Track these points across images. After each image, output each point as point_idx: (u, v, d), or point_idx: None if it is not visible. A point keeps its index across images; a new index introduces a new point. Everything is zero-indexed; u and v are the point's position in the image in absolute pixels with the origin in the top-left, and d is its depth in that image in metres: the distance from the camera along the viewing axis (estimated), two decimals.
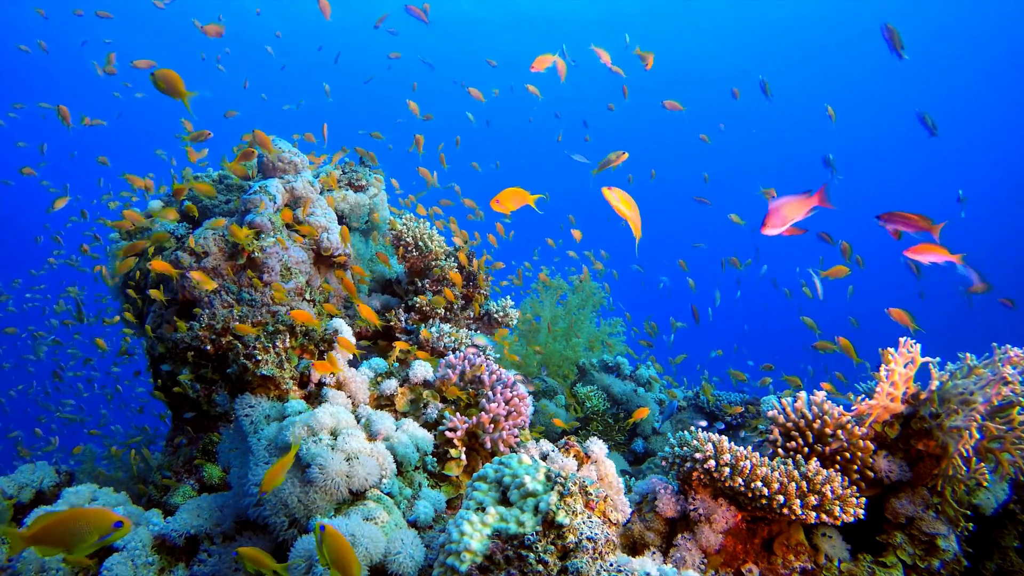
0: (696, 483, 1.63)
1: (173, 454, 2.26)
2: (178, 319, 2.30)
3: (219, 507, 1.87)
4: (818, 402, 1.72)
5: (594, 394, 3.54)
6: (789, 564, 1.54)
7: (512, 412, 2.02)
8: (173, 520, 1.84)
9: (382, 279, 3.00)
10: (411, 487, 1.88)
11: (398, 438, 1.91)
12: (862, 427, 1.66)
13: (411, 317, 2.65)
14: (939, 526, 1.58)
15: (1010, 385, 1.58)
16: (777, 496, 1.48)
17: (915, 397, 1.68)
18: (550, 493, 1.24)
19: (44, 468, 2.14)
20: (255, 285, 2.34)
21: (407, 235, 2.75)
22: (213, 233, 2.40)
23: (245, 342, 2.05)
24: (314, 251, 2.59)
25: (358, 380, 2.12)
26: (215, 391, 2.17)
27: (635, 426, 3.52)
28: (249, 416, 1.96)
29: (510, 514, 1.25)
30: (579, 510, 1.24)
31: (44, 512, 1.75)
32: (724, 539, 1.57)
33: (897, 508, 1.61)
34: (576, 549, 1.19)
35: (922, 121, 3.32)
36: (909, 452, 1.66)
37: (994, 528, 1.74)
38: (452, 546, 1.22)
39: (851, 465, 1.64)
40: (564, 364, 3.83)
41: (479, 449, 2.03)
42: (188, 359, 2.22)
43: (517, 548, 1.19)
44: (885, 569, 1.57)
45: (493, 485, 1.34)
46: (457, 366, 2.16)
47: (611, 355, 4.01)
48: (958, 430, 1.55)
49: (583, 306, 4.13)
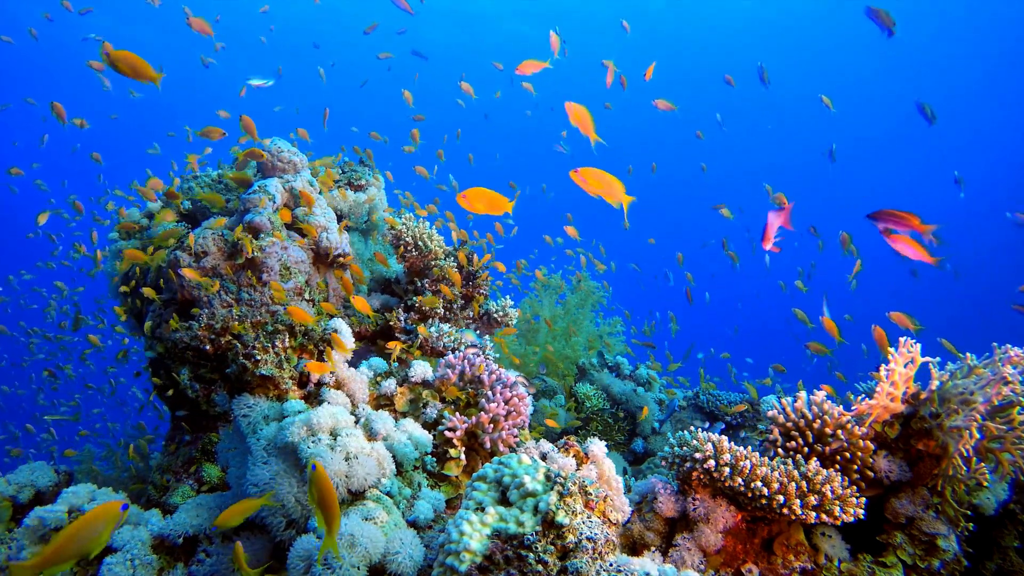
0: (696, 483, 1.62)
1: (172, 454, 2.25)
2: (177, 317, 2.29)
3: (218, 507, 1.87)
4: (818, 402, 1.72)
5: (594, 394, 3.53)
6: (789, 564, 1.54)
7: (512, 412, 2.01)
8: (172, 520, 1.84)
9: (381, 279, 3.00)
10: (410, 487, 1.87)
11: (397, 438, 1.90)
12: (862, 427, 1.66)
13: (410, 317, 2.65)
14: (939, 526, 1.58)
15: (1010, 385, 1.57)
16: (777, 496, 1.48)
17: (915, 397, 1.68)
18: (550, 493, 1.24)
19: (43, 468, 2.14)
20: (254, 285, 2.33)
21: (407, 235, 2.75)
22: (212, 233, 2.40)
23: (244, 342, 2.05)
24: (313, 251, 2.58)
25: (357, 380, 2.12)
26: (214, 391, 2.17)
27: (635, 426, 3.52)
28: (248, 416, 1.96)
29: (510, 514, 1.25)
30: (579, 510, 1.24)
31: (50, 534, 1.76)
32: (724, 539, 1.57)
33: (897, 508, 1.61)
34: (576, 549, 1.19)
35: (921, 111, 3.32)
36: (909, 452, 1.66)
37: (994, 528, 1.74)
38: (451, 546, 1.22)
39: (851, 465, 1.64)
40: (564, 363, 3.83)
41: (478, 449, 2.03)
42: (187, 359, 2.22)
43: (517, 548, 1.18)
44: (885, 569, 1.56)
45: (492, 485, 1.34)
46: (457, 366, 2.15)
47: (611, 354, 4.01)
48: (958, 430, 1.55)
49: (582, 305, 4.13)
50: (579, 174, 1.68)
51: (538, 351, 3.85)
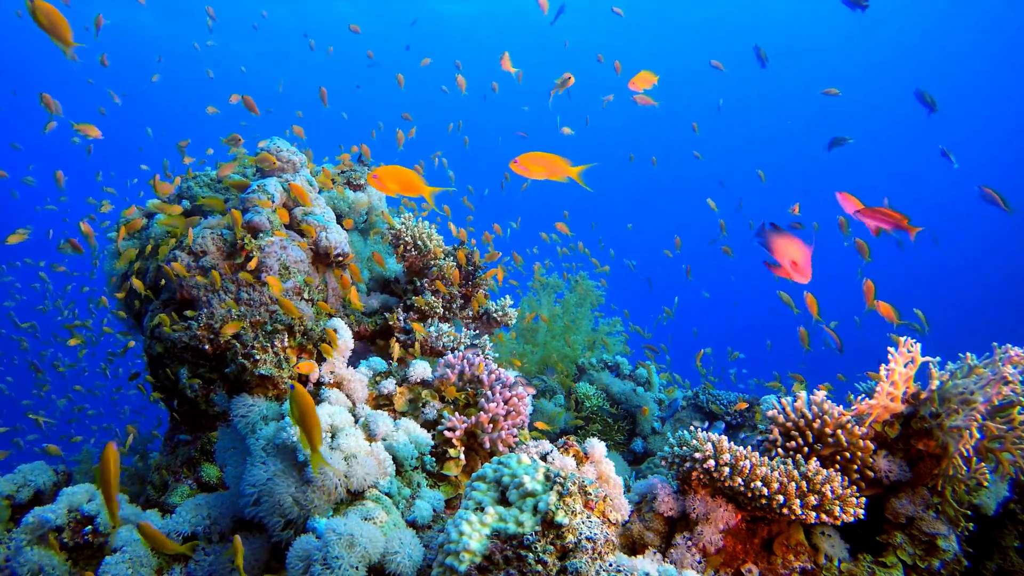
0: (695, 483, 1.62)
1: (171, 453, 2.25)
2: (176, 315, 2.29)
3: (216, 507, 1.87)
4: (818, 402, 1.71)
5: (593, 393, 3.53)
6: (789, 564, 1.54)
7: (511, 412, 2.01)
8: (171, 520, 1.84)
9: (381, 278, 2.99)
10: (410, 487, 1.87)
11: (397, 438, 1.90)
12: (862, 427, 1.66)
13: (410, 316, 2.64)
14: (939, 526, 1.57)
15: (1010, 384, 1.57)
16: (777, 496, 1.47)
17: (915, 397, 1.67)
18: (549, 493, 1.23)
19: (41, 468, 2.14)
20: (253, 284, 2.33)
21: (406, 234, 2.74)
22: (211, 232, 2.40)
23: (243, 341, 2.04)
24: (313, 251, 2.58)
25: (356, 380, 2.12)
26: (213, 390, 2.17)
27: (634, 425, 3.52)
28: (247, 416, 1.96)
29: (509, 514, 1.24)
30: (578, 510, 1.23)
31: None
32: (723, 539, 1.57)
33: (897, 508, 1.61)
34: (575, 549, 1.19)
35: (921, 99, 3.31)
36: (909, 452, 1.66)
37: (994, 528, 1.74)
38: (451, 546, 1.22)
39: (851, 465, 1.63)
40: (563, 363, 3.82)
41: (478, 449, 2.03)
42: (186, 358, 2.21)
43: (516, 548, 1.18)
44: (885, 569, 1.56)
45: (492, 485, 1.33)
46: (456, 365, 2.15)
47: (610, 354, 4.01)
48: (958, 430, 1.55)
49: (581, 304, 4.12)
50: (519, 163, 1.66)
51: (537, 351, 3.84)
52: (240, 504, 1.71)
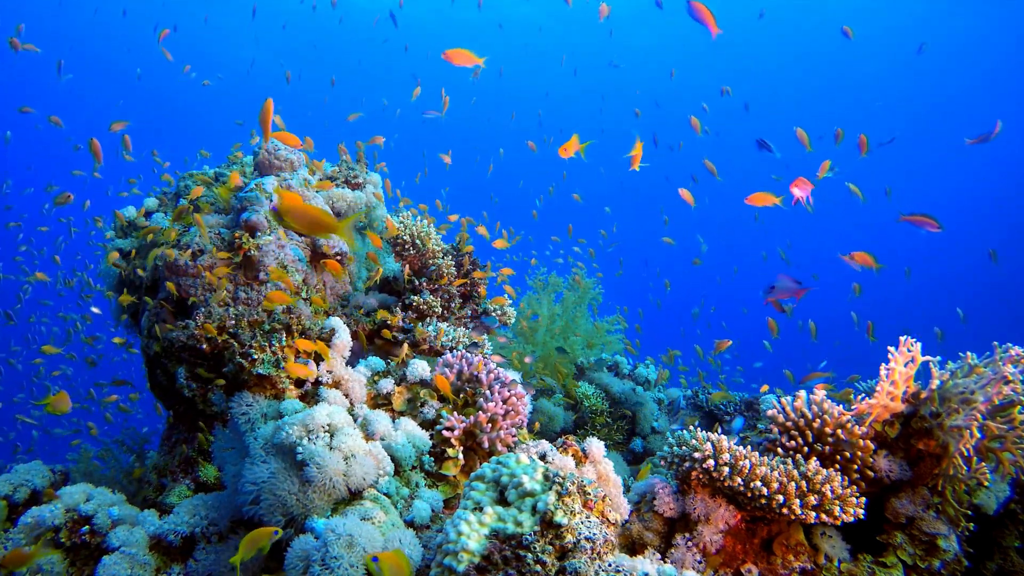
0: (695, 483, 1.61)
1: (169, 453, 2.24)
2: (172, 312, 2.28)
3: (215, 506, 1.86)
4: (818, 401, 1.71)
5: (592, 393, 3.53)
6: (789, 564, 1.53)
7: (510, 411, 2.00)
8: (169, 520, 1.83)
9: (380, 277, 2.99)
10: (408, 487, 1.86)
11: (395, 437, 1.90)
12: (862, 426, 1.65)
13: (408, 315, 2.63)
14: (939, 526, 1.57)
15: (1011, 384, 1.57)
16: (776, 496, 1.47)
17: (915, 396, 1.67)
18: (548, 493, 1.23)
19: (38, 467, 2.13)
20: (251, 283, 2.32)
21: (404, 233, 2.74)
22: (209, 232, 2.39)
23: (241, 341, 2.03)
24: (311, 250, 2.57)
25: (355, 379, 2.11)
26: (211, 390, 2.16)
27: (634, 425, 3.51)
28: (245, 415, 1.95)
29: (508, 514, 1.24)
30: (577, 510, 1.23)
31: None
32: (723, 539, 1.56)
33: (897, 508, 1.60)
34: (574, 549, 1.18)
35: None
36: (909, 451, 1.65)
37: (995, 528, 1.73)
38: (449, 546, 1.21)
39: (851, 465, 1.63)
40: (562, 362, 3.81)
41: (477, 448, 2.02)
42: (184, 358, 2.21)
43: (515, 548, 1.18)
44: (885, 569, 1.56)
45: (491, 485, 1.33)
46: (455, 365, 2.14)
47: (609, 353, 4.00)
48: (959, 429, 1.54)
49: (580, 303, 4.11)
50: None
51: (536, 350, 3.84)
52: (239, 502, 1.70)
